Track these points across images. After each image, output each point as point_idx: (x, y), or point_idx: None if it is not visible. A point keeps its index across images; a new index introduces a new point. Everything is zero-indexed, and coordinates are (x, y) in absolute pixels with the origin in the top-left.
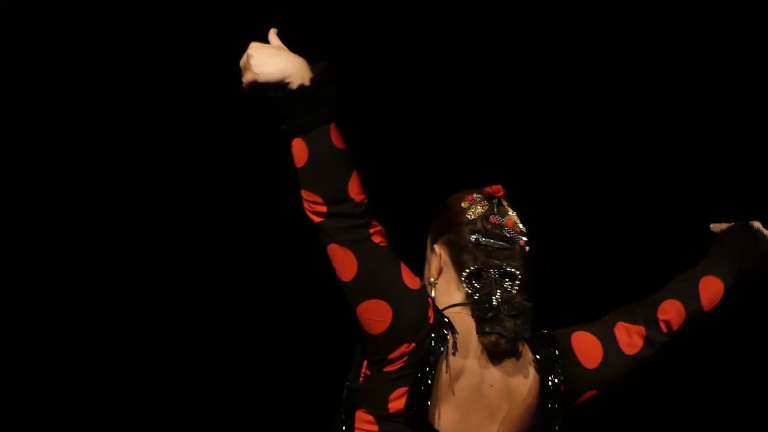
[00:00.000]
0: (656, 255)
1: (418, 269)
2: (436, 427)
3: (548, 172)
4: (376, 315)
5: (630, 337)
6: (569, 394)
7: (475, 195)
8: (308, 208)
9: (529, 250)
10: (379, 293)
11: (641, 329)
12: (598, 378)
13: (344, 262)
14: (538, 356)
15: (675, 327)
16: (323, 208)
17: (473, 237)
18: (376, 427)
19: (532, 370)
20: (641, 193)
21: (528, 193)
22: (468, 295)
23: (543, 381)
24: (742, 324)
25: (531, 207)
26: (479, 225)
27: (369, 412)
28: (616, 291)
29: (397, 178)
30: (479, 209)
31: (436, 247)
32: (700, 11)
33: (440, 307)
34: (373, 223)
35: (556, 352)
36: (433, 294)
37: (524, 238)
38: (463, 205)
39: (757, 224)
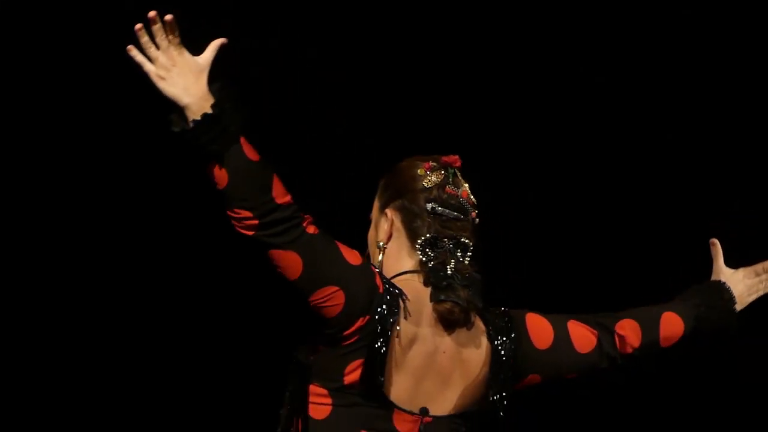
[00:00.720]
0: (657, 257)
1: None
2: (390, 395)
3: (548, 172)
4: (329, 301)
5: (581, 336)
6: (516, 369)
7: (431, 163)
8: (239, 225)
9: (478, 223)
10: (328, 280)
11: (595, 332)
12: (544, 362)
13: (289, 263)
14: (491, 327)
15: (629, 349)
16: (254, 222)
17: (429, 205)
18: (329, 400)
19: (484, 340)
20: (642, 193)
21: (528, 193)
22: (421, 263)
23: (494, 351)
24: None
25: (531, 207)
26: (435, 193)
27: (322, 386)
28: (613, 292)
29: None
30: (435, 178)
31: (388, 211)
32: (700, 11)
33: (390, 271)
34: (303, 216)
35: (509, 325)
36: (380, 257)
37: (476, 210)
38: (419, 172)
39: (728, 286)
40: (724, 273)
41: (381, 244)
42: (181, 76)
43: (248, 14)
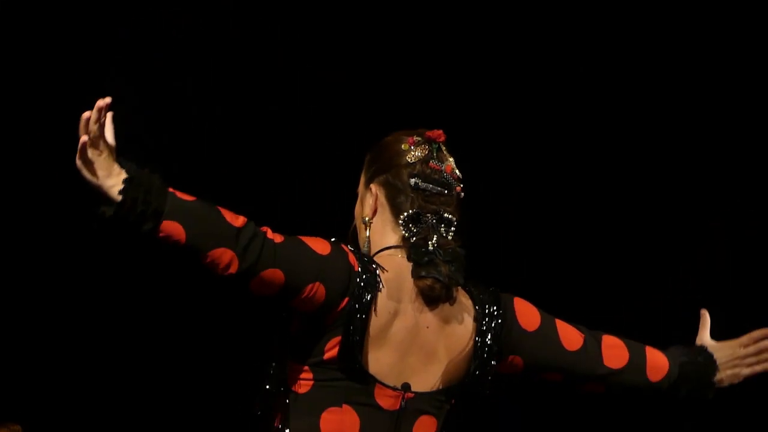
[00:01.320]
0: (657, 257)
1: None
2: (372, 370)
3: (548, 173)
4: (311, 297)
5: (568, 333)
6: (500, 345)
7: (415, 138)
8: (219, 267)
9: (463, 197)
10: (308, 279)
11: (582, 335)
12: (528, 345)
13: (272, 280)
14: (476, 302)
15: (616, 364)
16: (232, 255)
17: (412, 180)
18: (310, 375)
19: (468, 316)
20: (642, 193)
21: (528, 194)
22: (404, 238)
23: (480, 324)
24: None
25: (531, 208)
26: (418, 168)
27: (303, 362)
28: (613, 292)
29: None
30: (419, 153)
31: (372, 187)
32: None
33: (375, 246)
34: (264, 229)
35: (497, 301)
36: (367, 233)
37: (460, 185)
38: (403, 147)
39: (709, 350)
40: (706, 342)
41: (366, 219)
42: (107, 159)
43: (248, 14)
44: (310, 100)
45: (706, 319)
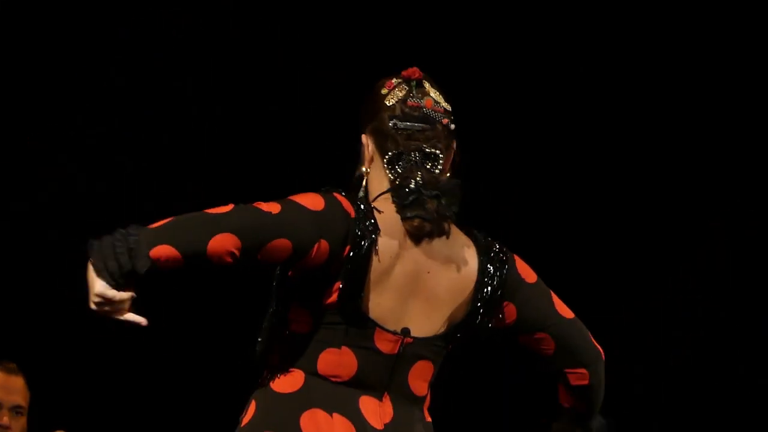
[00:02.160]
0: (657, 257)
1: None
2: (373, 315)
3: (548, 173)
4: (317, 254)
5: (562, 305)
6: (500, 292)
7: (393, 80)
8: (227, 254)
9: (454, 128)
10: (312, 239)
11: (573, 314)
12: (525, 296)
13: (281, 249)
14: (480, 249)
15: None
16: (231, 236)
17: (392, 122)
18: (310, 318)
19: (471, 262)
20: (642, 193)
21: (528, 194)
22: (391, 182)
23: (481, 271)
24: None
25: (531, 208)
26: (398, 110)
27: (304, 305)
28: (612, 292)
29: None
30: (398, 93)
31: (364, 137)
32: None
33: (372, 195)
34: (256, 205)
35: (501, 250)
36: (365, 183)
37: (448, 117)
38: (383, 91)
39: None
40: None
41: (364, 170)
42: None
43: (248, 14)
44: (310, 100)
45: None
